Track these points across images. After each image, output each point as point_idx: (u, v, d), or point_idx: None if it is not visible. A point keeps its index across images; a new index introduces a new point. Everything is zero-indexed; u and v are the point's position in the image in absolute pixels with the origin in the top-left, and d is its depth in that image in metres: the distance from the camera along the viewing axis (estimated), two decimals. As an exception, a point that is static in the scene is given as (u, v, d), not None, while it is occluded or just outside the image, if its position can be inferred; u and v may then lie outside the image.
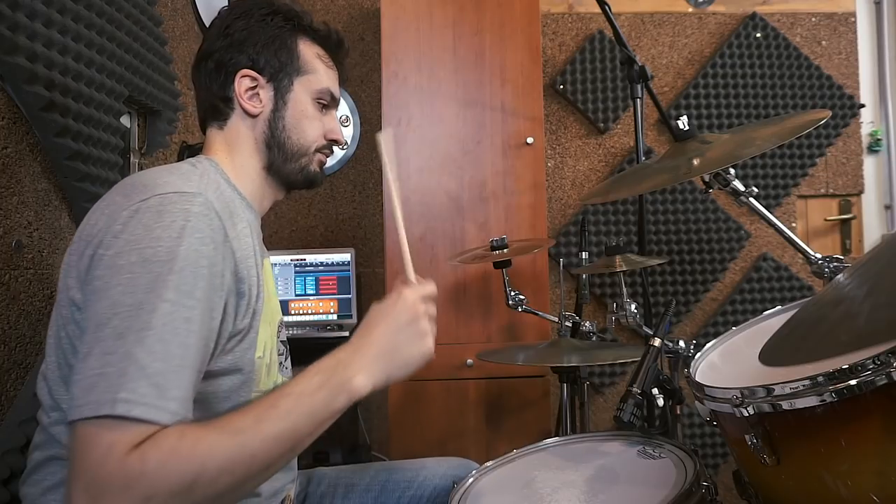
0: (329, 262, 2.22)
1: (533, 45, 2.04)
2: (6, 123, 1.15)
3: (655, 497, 0.86)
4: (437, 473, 1.12)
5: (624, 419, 0.98)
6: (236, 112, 0.95)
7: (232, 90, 0.94)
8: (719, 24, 2.58)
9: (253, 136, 0.95)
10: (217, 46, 0.94)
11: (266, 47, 0.94)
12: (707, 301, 2.53)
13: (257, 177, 0.96)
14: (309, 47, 0.99)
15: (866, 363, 0.65)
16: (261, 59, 0.94)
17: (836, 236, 2.62)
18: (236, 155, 0.95)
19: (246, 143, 0.95)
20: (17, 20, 1.10)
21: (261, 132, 0.95)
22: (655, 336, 1.06)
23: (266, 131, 0.95)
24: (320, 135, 0.99)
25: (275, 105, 0.96)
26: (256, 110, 0.95)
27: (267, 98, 0.95)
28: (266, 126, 0.95)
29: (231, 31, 0.94)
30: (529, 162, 2.03)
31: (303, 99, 0.97)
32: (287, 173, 0.98)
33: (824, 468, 0.71)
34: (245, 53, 0.93)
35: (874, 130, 2.63)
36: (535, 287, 2.00)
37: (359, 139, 2.49)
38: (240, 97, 0.94)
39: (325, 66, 1.00)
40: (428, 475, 1.11)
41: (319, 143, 0.99)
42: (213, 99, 0.95)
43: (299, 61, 0.97)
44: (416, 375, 0.82)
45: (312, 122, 0.98)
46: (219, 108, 0.95)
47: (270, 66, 0.95)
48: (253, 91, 0.94)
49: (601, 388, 2.47)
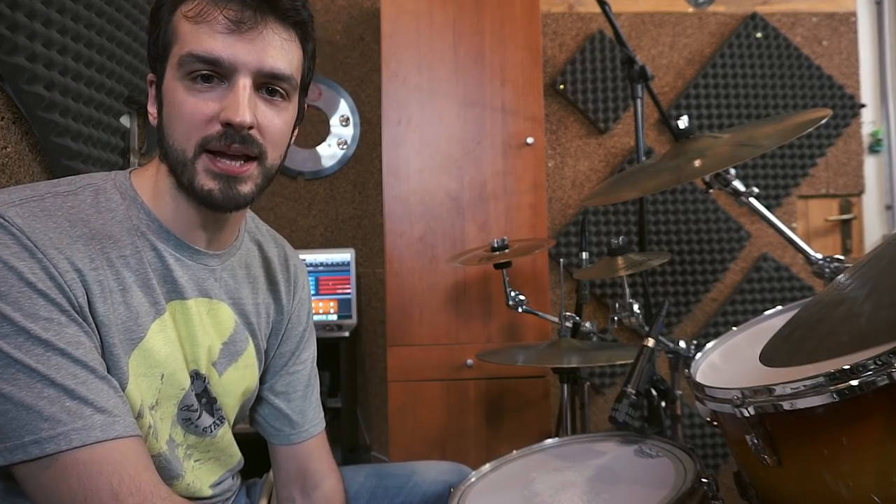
0: (329, 262, 2.22)
1: (533, 45, 2.04)
2: (6, 123, 1.15)
3: (658, 496, 0.86)
4: (426, 479, 1.09)
5: (619, 419, 0.98)
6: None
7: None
8: (720, 24, 2.58)
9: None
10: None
11: (152, 38, 0.76)
12: (707, 301, 2.53)
13: (171, 199, 0.78)
14: (182, 10, 0.72)
15: (867, 363, 0.65)
16: (150, 55, 0.77)
17: (837, 236, 2.62)
18: (159, 172, 0.78)
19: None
20: (16, 20, 1.10)
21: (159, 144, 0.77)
22: (649, 336, 1.06)
23: (159, 142, 0.77)
24: (195, 125, 0.71)
25: (158, 106, 0.77)
26: (153, 120, 0.78)
27: (156, 100, 0.77)
28: (158, 135, 0.77)
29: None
30: (530, 162, 2.03)
31: (171, 85, 0.73)
32: (185, 192, 0.75)
33: (825, 469, 0.71)
34: (148, 53, 0.78)
35: (875, 130, 2.63)
36: (535, 287, 2.00)
37: (359, 139, 2.49)
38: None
39: (190, 23, 0.71)
40: (418, 481, 1.08)
41: (198, 138, 0.71)
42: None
43: (169, 36, 0.73)
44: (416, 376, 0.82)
45: (182, 110, 0.71)
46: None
47: (153, 58, 0.76)
48: (151, 96, 0.79)
49: (601, 388, 2.47)
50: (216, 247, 0.85)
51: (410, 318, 1.97)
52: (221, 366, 0.87)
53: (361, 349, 2.45)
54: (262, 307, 0.94)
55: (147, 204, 0.78)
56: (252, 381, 0.93)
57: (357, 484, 1.09)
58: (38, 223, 0.68)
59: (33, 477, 0.64)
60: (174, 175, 0.75)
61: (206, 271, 0.83)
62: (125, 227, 0.75)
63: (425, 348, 1.94)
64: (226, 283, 0.87)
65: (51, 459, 0.63)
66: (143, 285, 0.76)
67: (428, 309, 1.98)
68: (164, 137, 0.75)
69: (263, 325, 0.95)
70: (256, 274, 0.93)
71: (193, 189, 0.73)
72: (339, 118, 2.48)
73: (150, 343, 0.76)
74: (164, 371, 0.78)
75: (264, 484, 1.07)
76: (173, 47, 0.72)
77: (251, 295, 0.92)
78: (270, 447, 1.02)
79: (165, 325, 0.78)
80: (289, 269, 0.99)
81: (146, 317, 0.76)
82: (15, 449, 0.63)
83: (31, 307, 0.64)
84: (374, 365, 2.46)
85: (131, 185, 0.79)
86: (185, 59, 0.70)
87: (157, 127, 0.77)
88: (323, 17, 2.49)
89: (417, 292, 1.98)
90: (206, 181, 0.73)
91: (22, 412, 0.62)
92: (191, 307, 0.81)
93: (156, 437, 0.78)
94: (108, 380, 0.69)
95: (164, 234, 0.78)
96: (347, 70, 2.49)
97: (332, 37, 2.50)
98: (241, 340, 0.90)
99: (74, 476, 0.63)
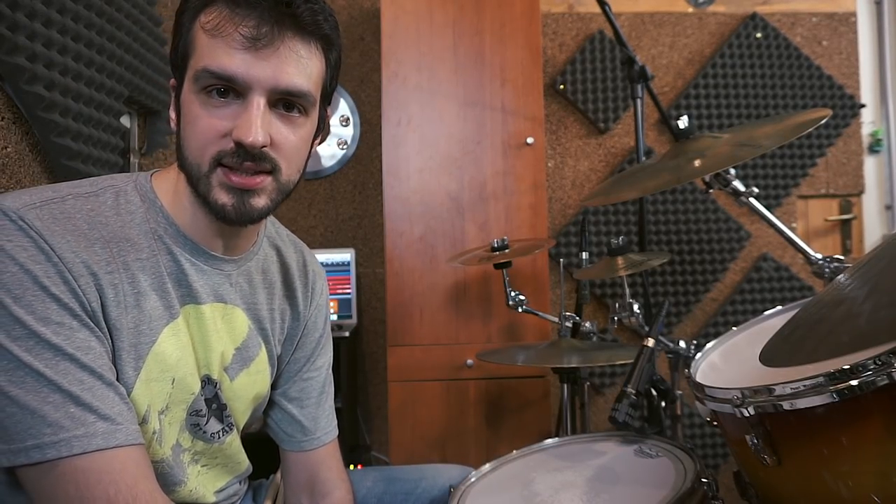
0: (329, 262, 2.22)
1: (533, 45, 2.04)
2: (6, 123, 1.15)
3: (657, 496, 0.86)
4: (436, 485, 1.07)
5: (619, 419, 0.98)
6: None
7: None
8: (719, 24, 2.58)
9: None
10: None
11: (174, 45, 0.76)
12: (707, 301, 2.53)
13: (189, 206, 0.78)
14: (200, 21, 0.72)
15: (867, 363, 0.65)
16: (172, 61, 0.77)
17: (837, 236, 2.62)
18: (179, 178, 0.78)
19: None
20: (16, 20, 1.10)
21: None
22: (649, 336, 1.06)
23: (178, 150, 0.76)
24: (209, 140, 0.71)
25: (177, 115, 0.76)
26: (174, 125, 0.77)
27: (175, 108, 0.77)
28: (177, 143, 0.76)
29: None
30: (530, 162, 2.03)
31: (188, 98, 0.73)
32: (201, 203, 0.75)
33: (825, 468, 0.71)
34: (170, 58, 0.78)
35: (875, 130, 2.63)
36: (535, 287, 2.00)
37: (359, 139, 2.49)
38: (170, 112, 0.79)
39: (207, 36, 0.70)
40: (426, 486, 1.07)
41: (213, 152, 0.71)
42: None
43: (188, 46, 0.73)
44: (416, 375, 0.81)
45: (196, 126, 0.72)
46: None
47: (174, 66, 0.76)
48: (172, 103, 0.78)
49: (601, 388, 2.47)
50: (233, 252, 0.85)
51: (410, 317, 1.97)
52: (233, 371, 0.87)
53: (361, 349, 2.45)
54: (276, 313, 0.93)
55: (166, 208, 0.78)
56: (263, 386, 0.93)
57: (364, 489, 1.08)
58: (57, 226, 0.68)
59: (34, 480, 0.65)
60: (191, 185, 0.75)
61: (221, 276, 0.83)
62: (143, 231, 0.76)
63: (425, 348, 1.94)
64: (241, 287, 0.87)
65: (51, 465, 0.63)
66: (158, 289, 0.76)
67: (428, 309, 1.98)
68: (181, 148, 0.75)
69: (278, 331, 0.94)
70: (273, 279, 0.93)
71: (208, 202, 0.74)
72: (340, 118, 2.48)
73: (162, 347, 0.76)
74: (175, 375, 0.78)
75: (270, 486, 1.06)
76: (191, 59, 0.72)
77: (266, 300, 0.91)
78: (281, 451, 1.01)
79: (178, 330, 0.78)
80: (307, 274, 0.99)
81: (159, 321, 0.76)
82: (18, 452, 0.63)
83: (44, 311, 0.65)
84: (374, 365, 2.46)
85: (152, 188, 0.79)
86: (201, 73, 0.70)
87: (176, 135, 0.77)
88: (323, 17, 2.49)
89: (417, 292, 1.98)
90: (220, 195, 0.73)
91: (27, 416, 0.63)
92: (205, 312, 0.81)
93: (160, 442, 0.78)
94: (114, 386, 0.69)
95: (181, 239, 0.78)
96: (347, 70, 2.49)
97: (332, 37, 2.49)
98: (254, 346, 0.90)
99: (73, 483, 0.64)
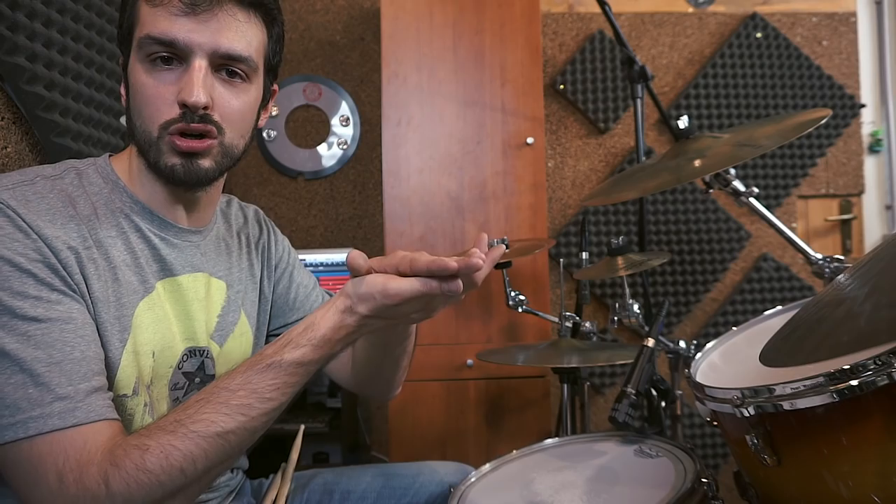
0: (329, 262, 2.22)
1: (533, 45, 2.04)
2: (6, 123, 1.15)
3: (657, 496, 0.86)
4: (434, 480, 1.08)
5: (619, 419, 0.98)
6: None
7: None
8: (719, 24, 2.58)
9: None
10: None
11: (119, 22, 0.79)
12: (707, 301, 2.53)
13: (146, 179, 0.80)
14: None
15: (867, 363, 0.65)
16: (118, 38, 0.79)
17: (837, 236, 2.62)
18: (133, 153, 0.81)
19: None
20: (16, 20, 1.10)
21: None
22: (649, 336, 1.06)
23: (128, 122, 0.79)
24: (157, 108, 0.74)
25: (126, 89, 0.79)
26: (124, 101, 0.80)
27: (125, 83, 0.79)
28: (127, 116, 0.79)
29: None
30: (529, 162, 2.03)
31: (134, 67, 0.75)
32: (154, 171, 0.78)
33: (825, 468, 0.71)
34: (117, 36, 0.80)
35: (875, 130, 2.63)
36: (535, 287, 2.00)
37: (359, 139, 2.49)
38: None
39: (149, 6, 0.73)
40: (425, 481, 1.08)
41: (161, 121, 0.74)
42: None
43: (132, 19, 0.76)
44: (416, 375, 0.81)
45: (144, 94, 0.74)
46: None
47: (120, 41, 0.79)
48: (123, 80, 0.80)
49: (602, 388, 2.47)
50: (197, 224, 0.88)
51: (410, 318, 1.96)
52: (220, 337, 0.89)
53: (361, 349, 2.44)
54: (245, 272, 0.97)
55: (127, 186, 0.80)
56: (249, 348, 0.96)
57: (364, 484, 1.09)
58: (32, 205, 0.70)
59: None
60: (143, 155, 0.78)
61: (192, 247, 0.86)
62: (109, 209, 0.78)
63: (425, 348, 1.94)
64: (210, 256, 0.90)
65: (9, 446, 0.63)
66: (132, 264, 0.78)
67: (428, 309, 1.97)
68: (132, 119, 0.77)
69: (250, 291, 0.98)
70: (231, 243, 0.97)
71: (159, 167, 0.76)
72: (340, 118, 2.48)
73: (140, 320, 0.77)
74: (154, 349, 0.79)
75: (270, 485, 1.06)
76: (135, 30, 0.75)
77: (236, 264, 0.95)
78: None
79: (153, 304, 0.80)
80: (259, 223, 1.05)
81: (134, 295, 0.77)
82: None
83: (21, 286, 0.65)
84: (374, 365, 2.45)
85: (112, 168, 0.81)
86: (144, 41, 0.73)
87: (126, 108, 0.79)
88: (323, 17, 2.49)
89: (417, 292, 1.98)
90: (169, 158, 0.76)
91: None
92: (182, 283, 0.84)
93: (152, 415, 0.79)
94: (86, 360, 0.68)
95: (146, 215, 0.81)
96: (347, 70, 2.49)
97: (332, 37, 2.50)
98: (234, 311, 0.93)
99: (28, 462, 0.63)
